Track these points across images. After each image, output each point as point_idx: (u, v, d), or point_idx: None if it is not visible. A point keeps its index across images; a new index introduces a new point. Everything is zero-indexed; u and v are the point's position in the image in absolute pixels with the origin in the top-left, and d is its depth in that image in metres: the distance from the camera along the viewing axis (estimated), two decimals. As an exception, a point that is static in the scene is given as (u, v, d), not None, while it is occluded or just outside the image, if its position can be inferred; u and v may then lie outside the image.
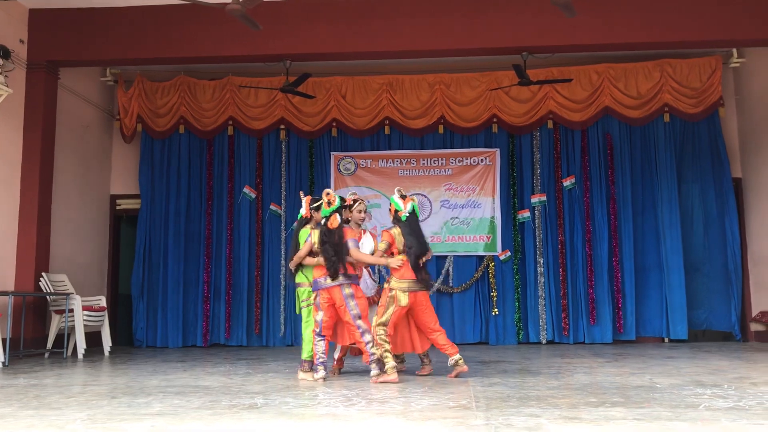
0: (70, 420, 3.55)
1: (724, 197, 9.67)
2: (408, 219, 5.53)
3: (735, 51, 9.53)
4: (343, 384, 5.11)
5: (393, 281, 5.44)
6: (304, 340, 5.68)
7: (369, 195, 9.81)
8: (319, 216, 5.57)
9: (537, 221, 9.86)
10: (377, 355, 5.24)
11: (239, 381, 5.33)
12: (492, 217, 9.92)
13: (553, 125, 9.98)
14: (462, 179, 10.03)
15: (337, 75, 10.05)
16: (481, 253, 9.90)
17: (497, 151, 10.03)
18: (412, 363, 6.22)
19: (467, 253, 9.92)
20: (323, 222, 5.47)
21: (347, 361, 6.40)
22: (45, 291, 8.11)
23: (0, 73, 7.51)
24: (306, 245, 5.50)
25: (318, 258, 5.41)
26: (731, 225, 9.58)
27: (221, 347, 9.72)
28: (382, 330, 5.33)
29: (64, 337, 8.09)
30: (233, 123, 10.16)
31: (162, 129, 10.13)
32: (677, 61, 9.70)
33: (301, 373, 5.53)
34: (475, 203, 9.97)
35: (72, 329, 8.17)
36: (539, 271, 9.74)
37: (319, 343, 5.38)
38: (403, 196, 5.62)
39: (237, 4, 6.25)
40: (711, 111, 9.64)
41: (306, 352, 5.60)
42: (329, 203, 5.46)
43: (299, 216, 5.80)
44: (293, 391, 4.67)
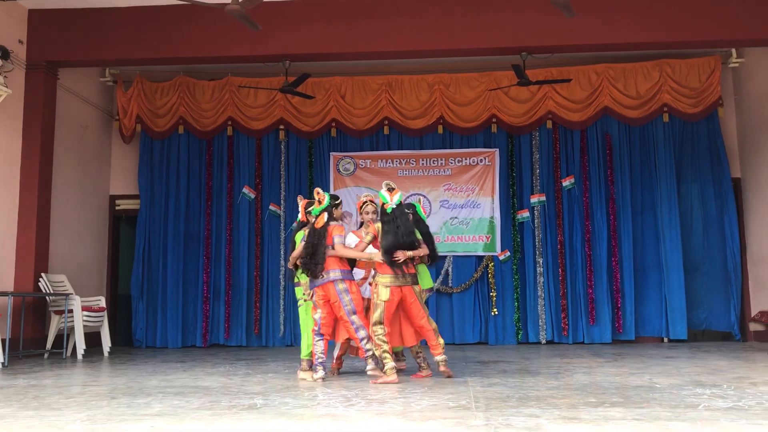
0: (69, 420, 3.55)
1: (723, 197, 9.67)
2: (392, 211, 5.42)
3: (734, 51, 9.54)
4: (343, 384, 5.10)
5: (377, 276, 5.40)
6: (302, 338, 5.73)
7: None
8: (312, 216, 5.63)
9: (536, 221, 9.87)
10: (372, 352, 5.24)
11: (239, 381, 5.33)
12: (491, 217, 9.92)
13: (553, 125, 9.98)
14: (461, 179, 10.03)
15: (337, 75, 10.05)
16: (481, 253, 9.90)
17: (496, 151, 10.03)
18: (412, 362, 6.22)
19: (466, 254, 9.92)
20: (313, 221, 5.55)
21: (346, 361, 6.41)
22: (44, 291, 8.11)
23: (-1, 74, 7.52)
24: (301, 245, 5.57)
25: None
26: (730, 225, 9.59)
27: (221, 347, 9.73)
28: (380, 329, 5.25)
29: (63, 338, 8.10)
30: (232, 123, 10.16)
31: (161, 129, 10.13)
32: (676, 61, 9.71)
33: (301, 372, 5.55)
34: (475, 203, 9.98)
35: (71, 330, 8.17)
36: (538, 271, 9.75)
37: (318, 343, 5.38)
38: (391, 188, 5.52)
39: (236, 4, 6.25)
40: (710, 111, 9.65)
41: (304, 350, 5.63)
42: (319, 202, 5.52)
43: (297, 219, 5.95)
44: (293, 392, 4.67)
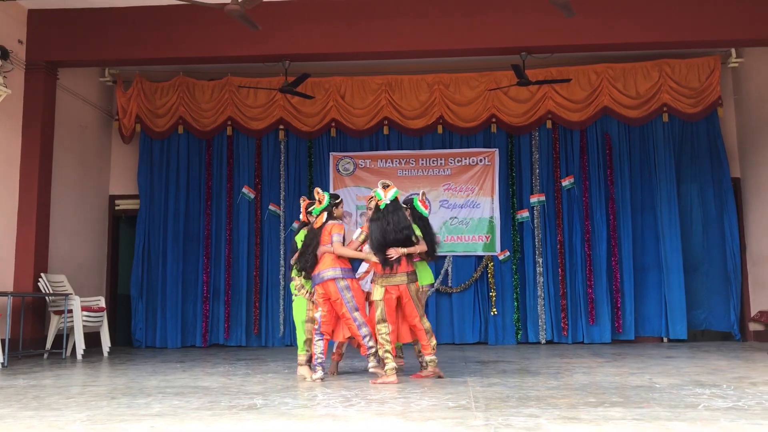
0: (69, 421, 3.55)
1: (723, 197, 9.67)
2: (385, 207, 5.39)
3: (734, 51, 9.53)
4: (342, 384, 5.11)
5: (374, 275, 5.45)
6: (297, 333, 5.75)
7: (368, 195, 9.79)
8: (312, 216, 5.67)
9: (536, 221, 9.86)
10: (375, 349, 5.24)
11: (238, 381, 5.33)
12: (491, 217, 9.92)
13: (552, 125, 9.98)
14: (461, 179, 10.03)
15: (336, 75, 10.04)
16: (480, 253, 9.90)
17: (496, 151, 10.03)
18: (412, 362, 6.22)
19: (466, 253, 9.92)
20: (313, 220, 5.59)
21: (346, 362, 6.41)
22: (44, 291, 8.10)
23: (-1, 74, 7.52)
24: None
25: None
26: (730, 225, 9.58)
27: (220, 347, 9.72)
28: (384, 328, 5.22)
29: (63, 338, 8.09)
30: (232, 123, 10.15)
31: (161, 129, 10.12)
32: (676, 61, 9.70)
33: (300, 368, 5.54)
34: (474, 203, 9.97)
35: (71, 330, 8.16)
36: (538, 271, 9.75)
37: (318, 343, 5.37)
38: (386, 185, 5.49)
39: (236, 4, 6.24)
40: (710, 111, 9.64)
41: (300, 345, 5.62)
42: (319, 202, 5.55)
43: (299, 219, 6.03)
44: (292, 392, 4.67)
